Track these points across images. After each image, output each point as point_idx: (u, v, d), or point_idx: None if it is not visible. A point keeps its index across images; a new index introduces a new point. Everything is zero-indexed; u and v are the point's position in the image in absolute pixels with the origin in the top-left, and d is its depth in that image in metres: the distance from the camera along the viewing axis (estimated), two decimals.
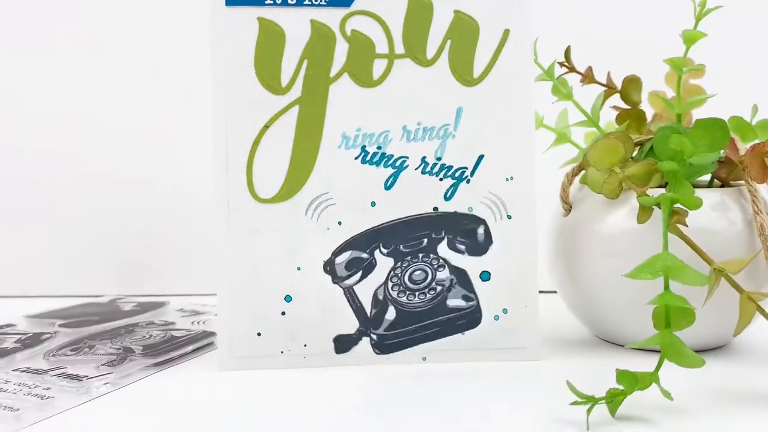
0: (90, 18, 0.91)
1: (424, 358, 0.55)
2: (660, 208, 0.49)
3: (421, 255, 0.54)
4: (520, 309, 0.55)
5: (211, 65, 0.54)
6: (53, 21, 0.91)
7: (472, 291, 0.54)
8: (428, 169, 0.54)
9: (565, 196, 0.59)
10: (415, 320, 0.54)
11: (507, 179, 0.54)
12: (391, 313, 0.54)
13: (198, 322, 0.69)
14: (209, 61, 0.54)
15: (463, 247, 0.54)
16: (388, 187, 0.54)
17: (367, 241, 0.54)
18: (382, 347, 0.54)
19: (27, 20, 0.92)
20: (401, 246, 0.54)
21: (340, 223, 0.54)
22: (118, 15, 0.91)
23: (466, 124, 0.54)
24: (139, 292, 0.90)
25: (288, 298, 0.54)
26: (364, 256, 0.53)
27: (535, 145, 0.55)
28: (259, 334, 0.55)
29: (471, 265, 0.54)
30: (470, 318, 0.54)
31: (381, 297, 0.54)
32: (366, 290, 0.54)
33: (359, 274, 0.54)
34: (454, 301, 0.54)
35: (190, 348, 0.60)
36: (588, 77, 0.62)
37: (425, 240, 0.54)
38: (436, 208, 0.54)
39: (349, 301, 0.54)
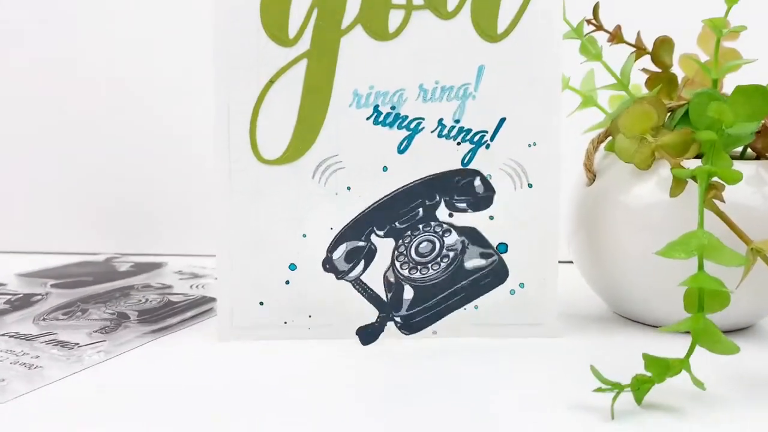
0: None
1: (434, 332, 0.52)
2: (695, 181, 0.45)
3: (421, 226, 0.51)
4: (539, 283, 0.52)
5: (214, 13, 0.50)
6: None
7: (489, 246, 0.51)
8: (445, 132, 0.50)
9: (589, 164, 0.56)
10: (436, 292, 0.51)
11: (529, 145, 0.51)
12: (408, 292, 0.51)
13: (197, 286, 0.66)
14: (212, 8, 0.49)
15: (463, 205, 0.51)
16: (401, 151, 0.51)
17: (359, 228, 0.51)
18: (410, 327, 0.51)
19: None
20: (396, 223, 0.50)
21: (349, 188, 0.51)
22: None
23: (487, 83, 0.50)
24: (136, 250, 0.87)
25: (292, 267, 0.51)
26: (361, 244, 0.50)
27: (561, 109, 0.51)
28: (261, 304, 0.51)
29: (481, 221, 0.51)
30: (495, 274, 0.51)
31: (392, 279, 0.51)
32: (375, 276, 0.51)
33: (362, 263, 0.51)
34: (472, 262, 0.51)
35: (188, 314, 0.57)
36: (617, 36, 0.58)
37: (420, 210, 0.50)
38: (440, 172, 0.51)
39: (360, 292, 0.51)
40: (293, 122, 0.50)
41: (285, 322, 0.52)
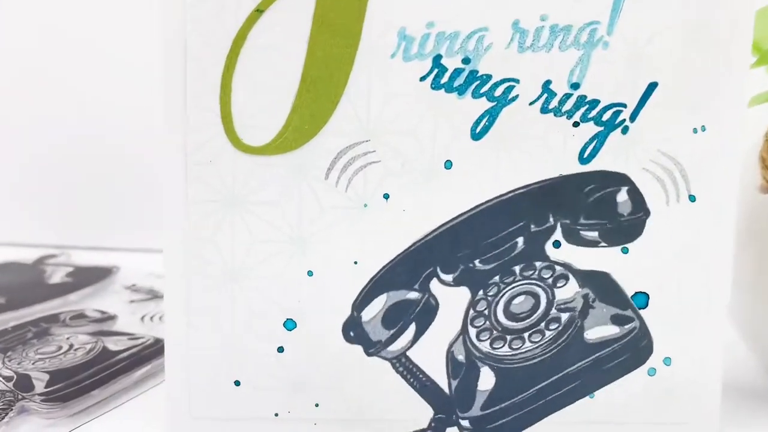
0: None
1: None
2: None
3: (518, 269, 0.30)
4: (695, 357, 0.32)
5: None
6: None
7: (626, 303, 0.31)
8: (554, 104, 0.30)
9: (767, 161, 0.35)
10: (535, 379, 0.30)
11: (695, 130, 0.30)
12: (487, 379, 0.30)
13: (152, 317, 0.45)
14: None
15: (594, 234, 0.30)
16: (477, 135, 0.30)
17: (408, 268, 0.30)
18: None
19: None
20: (477, 261, 0.30)
21: (386, 196, 0.30)
22: None
23: (628, 24, 0.29)
24: (85, 243, 0.66)
25: (290, 325, 0.31)
26: (411, 296, 0.30)
27: (747, 74, 0.30)
28: (237, 384, 0.31)
29: (615, 261, 0.30)
30: (634, 348, 0.31)
31: (462, 356, 0.30)
32: (431, 352, 0.31)
33: (410, 329, 0.30)
34: (599, 330, 0.30)
35: (130, 378, 0.37)
36: None
37: (519, 240, 0.30)
38: (561, 175, 0.30)
39: (405, 376, 0.30)
40: (294, 84, 0.29)
41: (276, 414, 0.32)
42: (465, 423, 0.30)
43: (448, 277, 0.30)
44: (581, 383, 0.30)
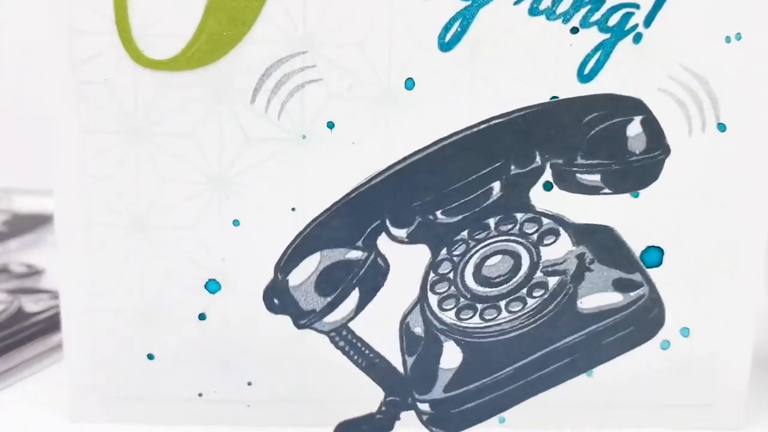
0: None
1: (501, 420, 0.26)
2: None
3: (493, 221, 0.24)
4: (718, 326, 0.25)
5: None
6: None
7: (634, 265, 0.24)
8: (546, 3, 0.23)
9: None
10: (512, 357, 0.24)
11: (727, 39, 0.23)
12: (452, 356, 0.24)
13: None
14: None
15: (595, 178, 0.24)
16: (446, 45, 0.23)
17: (351, 220, 0.24)
18: (449, 423, 0.25)
19: None
20: (438, 212, 0.23)
21: (330, 125, 0.24)
22: None
23: None
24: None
25: (212, 286, 0.25)
26: (354, 255, 0.23)
27: None
28: (150, 357, 0.25)
29: (621, 209, 0.24)
30: (641, 319, 0.25)
31: (420, 329, 0.24)
32: (381, 324, 0.24)
33: (354, 296, 0.24)
34: (596, 298, 0.24)
35: (46, 343, 0.32)
36: None
37: (496, 185, 0.23)
38: (554, 99, 0.23)
39: (347, 353, 0.24)
40: None
41: (200, 394, 0.26)
42: (424, 406, 0.24)
43: (401, 232, 0.23)
44: (571, 362, 0.24)
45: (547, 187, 0.24)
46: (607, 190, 0.24)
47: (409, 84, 0.23)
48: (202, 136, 0.24)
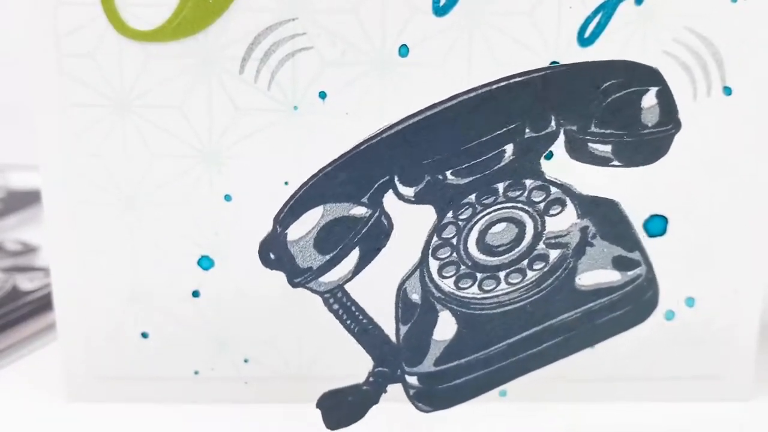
0: None
1: (502, 393, 0.25)
2: None
3: (501, 186, 0.23)
4: (725, 296, 0.25)
5: None
6: None
7: (634, 244, 0.24)
8: None
9: None
10: (506, 331, 0.24)
11: None
12: (446, 327, 0.23)
13: None
14: None
15: (606, 149, 0.23)
16: (441, 9, 0.22)
17: (360, 173, 0.23)
18: (435, 399, 0.24)
19: None
20: (449, 172, 0.23)
21: (323, 95, 0.23)
22: None
23: None
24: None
25: (206, 262, 0.24)
26: (359, 211, 0.22)
27: None
28: (145, 336, 0.25)
29: (625, 180, 0.23)
30: (638, 299, 0.24)
31: (417, 296, 0.23)
32: (378, 287, 0.23)
33: (354, 256, 0.23)
34: (594, 275, 0.23)
35: (40, 322, 0.31)
36: None
37: (509, 147, 0.23)
38: (555, 64, 0.23)
39: (340, 316, 0.23)
40: None
41: (196, 372, 0.25)
42: (412, 380, 0.23)
43: (409, 191, 0.22)
44: (565, 340, 0.24)
45: (548, 156, 0.23)
46: (616, 163, 0.23)
47: (404, 51, 0.23)
48: (190, 109, 0.23)
